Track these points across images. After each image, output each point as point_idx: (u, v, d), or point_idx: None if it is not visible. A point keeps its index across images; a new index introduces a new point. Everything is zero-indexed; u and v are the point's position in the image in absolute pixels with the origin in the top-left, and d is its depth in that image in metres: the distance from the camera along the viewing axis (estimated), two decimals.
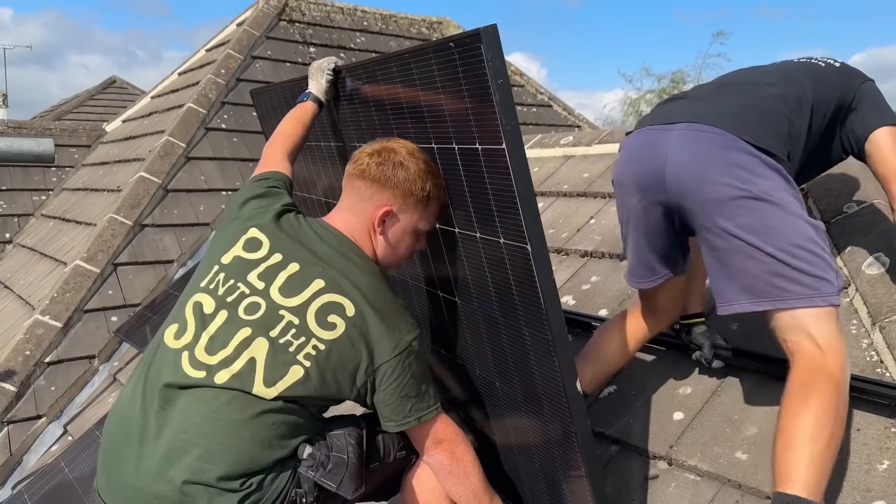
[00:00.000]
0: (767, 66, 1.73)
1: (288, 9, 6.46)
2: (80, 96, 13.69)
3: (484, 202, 1.41)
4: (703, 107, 1.55)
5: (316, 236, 1.51)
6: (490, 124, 1.28)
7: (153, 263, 4.27)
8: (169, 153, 4.81)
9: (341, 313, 1.40)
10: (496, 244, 1.41)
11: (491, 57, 1.22)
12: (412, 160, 1.50)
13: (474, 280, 1.56)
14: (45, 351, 3.65)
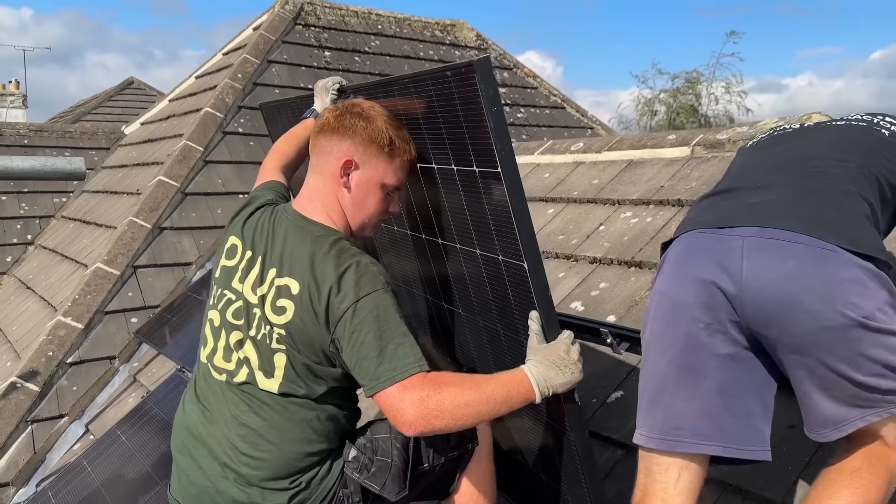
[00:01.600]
0: (817, 129, 1.51)
1: (303, 13, 6.54)
2: (98, 97, 13.88)
3: (483, 221, 1.47)
4: (767, 201, 1.26)
5: (276, 223, 1.54)
6: (486, 149, 1.35)
7: (172, 266, 4.36)
8: (187, 157, 4.90)
9: (288, 295, 1.43)
10: (495, 261, 1.48)
11: (485, 87, 1.29)
12: (374, 111, 1.53)
13: (476, 293, 1.63)
14: (67, 352, 3.74)
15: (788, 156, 1.39)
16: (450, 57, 7.29)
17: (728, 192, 1.37)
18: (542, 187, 3.19)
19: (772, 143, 1.53)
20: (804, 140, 1.45)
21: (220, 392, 1.49)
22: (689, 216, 1.41)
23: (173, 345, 3.54)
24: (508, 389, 1.36)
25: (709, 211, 1.34)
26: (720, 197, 1.37)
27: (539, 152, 3.47)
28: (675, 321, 1.26)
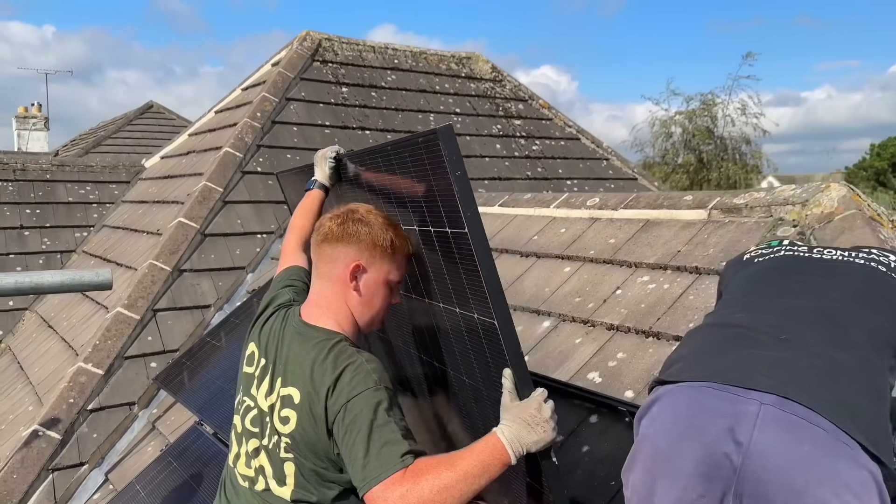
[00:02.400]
0: (838, 268, 1.41)
1: (321, 49, 6.63)
2: (118, 121, 14.11)
3: (458, 280, 1.54)
4: (790, 364, 1.16)
5: (285, 333, 1.60)
6: (454, 211, 1.42)
7: (191, 308, 4.41)
8: (207, 198, 4.96)
9: (291, 404, 1.49)
10: (472, 319, 1.54)
11: (447, 153, 1.37)
12: (371, 216, 1.62)
13: (460, 351, 1.69)
14: (87, 398, 3.79)
15: (810, 303, 1.31)
16: (465, 90, 7.35)
17: (740, 331, 1.26)
18: (558, 243, 3.20)
19: (785, 272, 1.44)
20: (827, 283, 1.37)
21: (245, 498, 1.55)
22: (693, 349, 1.28)
23: (191, 394, 3.56)
24: (483, 459, 1.39)
25: (719, 355, 1.22)
26: (731, 335, 1.26)
27: (555, 206, 3.48)
28: (667, 486, 1.16)
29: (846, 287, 1.35)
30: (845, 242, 2.22)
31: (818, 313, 1.28)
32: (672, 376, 1.23)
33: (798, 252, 1.51)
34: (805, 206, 2.44)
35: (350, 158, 2.08)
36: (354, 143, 6.05)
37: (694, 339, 1.33)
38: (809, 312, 1.28)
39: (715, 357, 1.22)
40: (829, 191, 2.42)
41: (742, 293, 1.44)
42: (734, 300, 1.43)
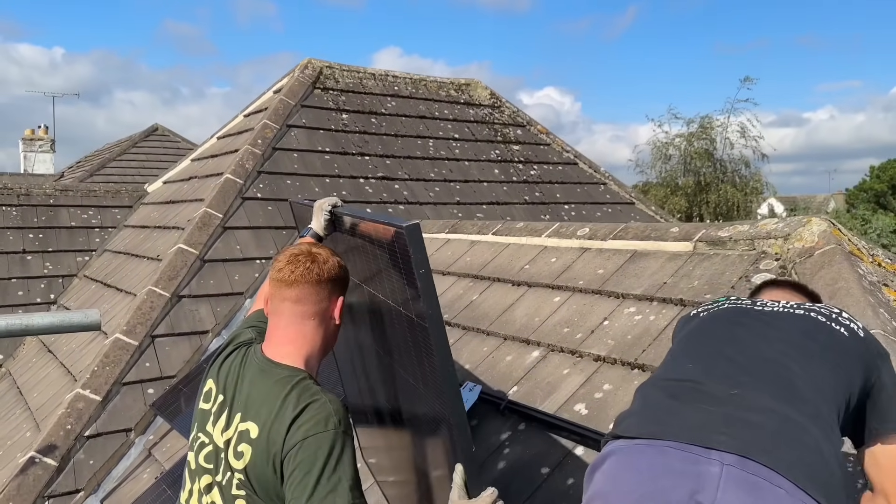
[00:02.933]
0: (780, 320, 1.42)
1: (322, 77, 6.74)
2: (122, 144, 14.25)
3: (421, 364, 1.59)
4: (746, 421, 1.16)
5: (246, 370, 1.64)
6: (416, 304, 1.48)
7: (189, 335, 4.46)
8: (207, 224, 5.03)
9: (248, 439, 1.51)
10: (433, 405, 1.58)
11: (413, 251, 1.42)
12: (330, 255, 1.70)
13: (431, 445, 1.73)
14: (85, 425, 3.83)
15: (755, 353, 1.32)
16: (464, 116, 7.45)
17: (692, 385, 1.26)
18: (549, 273, 3.25)
19: (729, 323, 1.44)
20: (770, 333, 1.38)
21: None
22: (646, 404, 1.27)
23: (187, 420, 3.60)
24: None
25: (674, 412, 1.21)
26: (683, 390, 1.26)
27: (546, 235, 3.54)
28: None
29: (789, 338, 1.36)
30: (825, 276, 2.26)
31: (764, 365, 1.29)
32: (626, 431, 1.22)
33: (741, 304, 1.52)
34: (787, 240, 2.49)
35: (344, 213, 2.15)
36: (354, 168, 6.13)
37: (646, 394, 1.32)
38: (756, 364, 1.29)
39: (670, 414, 1.22)
40: (811, 225, 2.47)
41: (689, 346, 1.45)
42: (681, 353, 1.44)
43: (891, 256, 2.56)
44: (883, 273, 2.40)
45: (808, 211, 24.05)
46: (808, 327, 1.39)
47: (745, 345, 1.35)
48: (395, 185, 6.24)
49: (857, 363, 1.35)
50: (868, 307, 2.08)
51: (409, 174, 6.41)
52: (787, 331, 1.38)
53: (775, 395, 1.22)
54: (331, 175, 5.95)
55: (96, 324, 1.83)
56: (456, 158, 6.89)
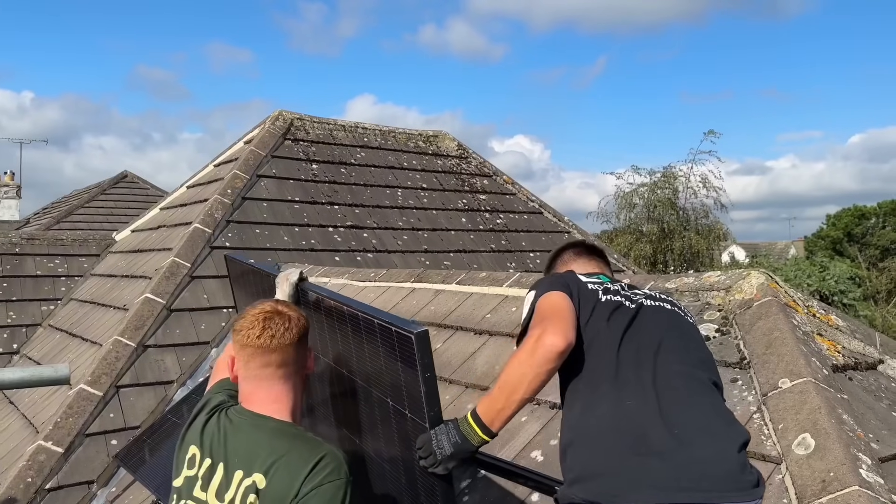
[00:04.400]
0: (663, 322, 1.66)
1: (293, 128, 6.89)
2: (91, 191, 14.18)
3: (408, 459, 1.65)
4: (697, 461, 1.41)
5: (233, 427, 1.66)
6: (418, 405, 1.54)
7: (154, 385, 4.45)
8: (174, 273, 5.07)
9: (254, 490, 1.54)
10: (416, 487, 1.64)
11: (420, 356, 1.49)
12: (286, 311, 1.72)
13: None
14: (46, 477, 3.79)
15: (679, 375, 1.54)
16: (432, 166, 7.64)
17: (640, 432, 1.43)
18: (509, 322, 3.36)
19: (632, 337, 1.58)
20: (669, 343, 1.59)
21: None
22: (609, 466, 1.42)
23: (150, 472, 3.59)
24: None
25: (638, 474, 1.39)
26: (636, 442, 1.42)
27: (507, 284, 3.66)
28: None
29: (678, 342, 1.62)
30: (762, 327, 2.41)
31: (686, 384, 1.54)
32: (601, 498, 1.39)
33: (624, 303, 1.67)
34: (728, 292, 2.64)
35: (312, 289, 2.17)
36: (323, 217, 6.24)
37: (601, 446, 1.45)
38: (680, 389, 1.52)
39: (635, 475, 1.39)
40: (750, 278, 2.63)
41: (614, 372, 1.55)
42: (611, 382, 1.54)
43: (824, 307, 2.73)
44: (817, 323, 2.56)
45: (769, 258, 24.66)
46: (686, 330, 1.71)
47: (660, 363, 1.55)
48: (364, 233, 6.35)
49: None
50: (801, 356, 2.22)
51: (377, 223, 6.53)
52: (678, 339, 1.64)
53: (704, 417, 1.49)
54: (300, 224, 6.04)
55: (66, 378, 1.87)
56: (424, 207, 7.05)
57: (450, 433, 1.52)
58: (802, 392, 2.09)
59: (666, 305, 1.75)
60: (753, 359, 2.32)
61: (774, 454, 1.99)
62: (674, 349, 1.60)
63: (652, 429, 1.44)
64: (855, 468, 1.81)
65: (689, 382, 1.56)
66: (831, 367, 2.30)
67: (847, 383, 2.30)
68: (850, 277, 16.61)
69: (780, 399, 2.12)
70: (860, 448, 1.91)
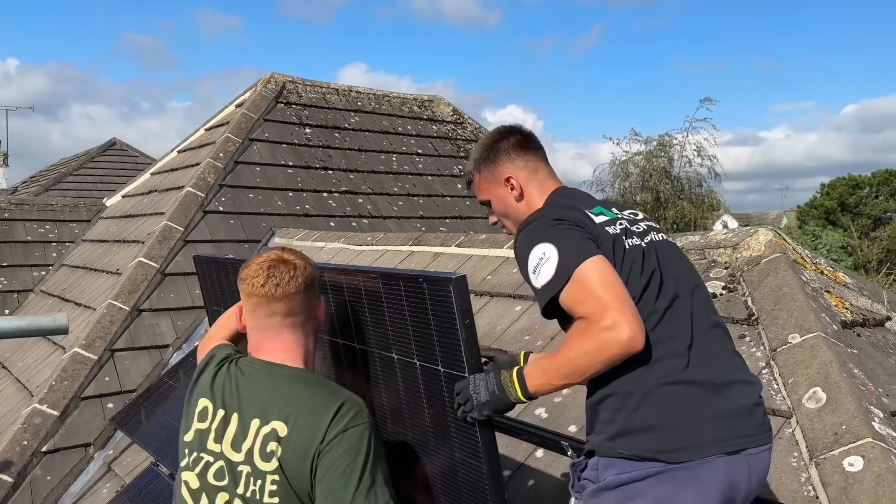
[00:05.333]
0: (679, 261, 1.60)
1: (285, 91, 6.76)
2: (79, 159, 13.97)
3: (441, 418, 1.59)
4: (748, 409, 1.46)
5: (246, 377, 1.61)
6: (455, 354, 1.49)
7: (149, 349, 4.41)
8: (168, 237, 5.00)
9: (276, 437, 1.49)
10: (453, 457, 1.59)
11: (460, 302, 1.44)
12: (292, 258, 1.65)
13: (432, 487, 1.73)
14: (42, 440, 3.75)
15: (714, 329, 1.51)
16: (427, 131, 7.54)
17: (700, 390, 1.43)
18: (510, 283, 3.32)
19: (667, 282, 1.51)
20: (690, 285, 1.54)
21: None
22: (687, 430, 1.40)
23: (148, 434, 3.56)
24: None
25: (703, 431, 1.40)
26: (708, 394, 1.42)
27: (507, 246, 3.61)
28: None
29: (700, 285, 1.58)
30: (771, 284, 2.38)
31: (716, 330, 1.52)
32: (654, 453, 1.41)
33: (642, 244, 1.55)
34: (735, 250, 2.61)
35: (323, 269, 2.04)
36: (317, 182, 6.15)
37: (651, 399, 1.43)
38: (713, 336, 1.50)
39: (688, 428, 1.41)
40: (758, 235, 2.59)
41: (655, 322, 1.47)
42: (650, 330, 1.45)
43: (832, 265, 2.70)
44: (825, 280, 2.53)
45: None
46: (691, 269, 1.63)
47: (696, 314, 1.51)
48: (359, 199, 6.28)
49: None
50: (811, 311, 2.19)
51: (372, 188, 6.46)
52: (693, 284, 1.57)
53: (734, 365, 1.50)
54: (294, 189, 5.96)
55: (64, 328, 1.82)
56: (419, 173, 6.96)
57: (489, 381, 1.47)
58: (813, 347, 2.06)
59: (668, 237, 1.67)
60: (762, 315, 2.29)
61: (784, 409, 1.97)
62: (696, 292, 1.55)
63: (698, 379, 1.43)
64: (868, 421, 1.79)
65: (716, 328, 1.53)
66: (840, 323, 2.27)
67: (856, 339, 2.28)
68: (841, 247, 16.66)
69: (790, 354, 2.10)
70: (872, 402, 1.89)
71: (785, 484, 1.80)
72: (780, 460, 1.85)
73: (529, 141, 1.78)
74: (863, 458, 1.71)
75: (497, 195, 1.76)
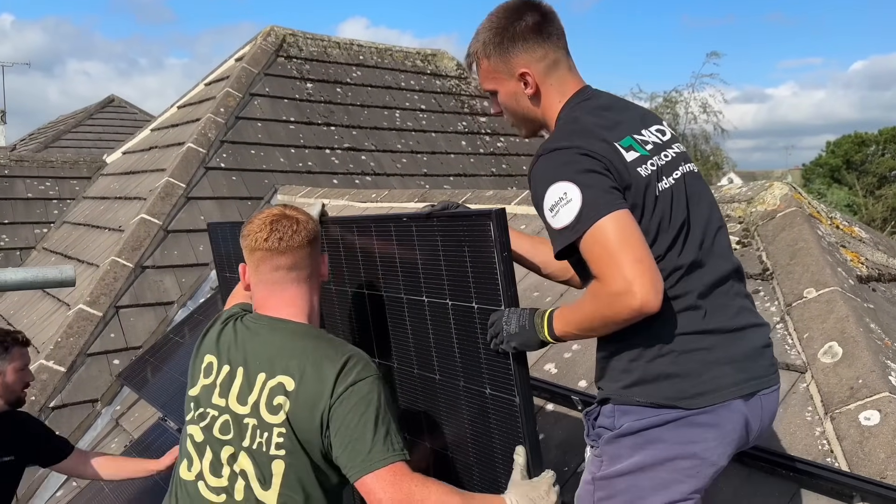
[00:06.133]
0: (706, 201, 1.49)
1: (286, 45, 6.62)
2: (77, 116, 13.82)
3: (472, 355, 1.58)
4: (760, 352, 1.44)
5: (251, 333, 1.60)
6: (492, 288, 1.47)
7: (154, 305, 4.40)
8: (170, 194, 4.94)
9: (283, 391, 1.48)
10: (482, 394, 1.59)
11: (499, 234, 1.42)
12: (294, 213, 1.64)
13: (458, 426, 1.72)
14: (49, 396, 3.77)
15: (731, 274, 1.45)
16: (431, 87, 7.41)
17: (730, 336, 1.40)
18: None
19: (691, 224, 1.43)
20: (714, 225, 1.47)
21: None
22: (709, 376, 1.38)
23: (155, 390, 3.58)
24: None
25: (728, 363, 1.38)
26: (724, 340, 1.40)
27: (515, 203, 3.56)
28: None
29: (721, 224, 1.50)
30: (786, 238, 2.33)
31: (735, 272, 1.47)
32: (671, 401, 1.39)
33: (673, 183, 1.44)
34: (750, 204, 2.56)
35: (341, 223, 2.05)
36: (320, 138, 6.07)
37: (670, 347, 1.39)
38: (729, 279, 1.45)
39: (706, 374, 1.39)
40: (773, 189, 2.54)
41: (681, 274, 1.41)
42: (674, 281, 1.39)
43: (847, 219, 2.65)
44: (840, 235, 2.49)
45: None
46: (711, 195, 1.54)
47: (717, 257, 1.45)
48: (362, 156, 6.20)
49: None
50: (827, 266, 2.15)
51: (375, 145, 6.37)
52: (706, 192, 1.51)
53: (751, 313, 1.47)
54: (296, 145, 5.88)
55: (71, 280, 1.79)
56: (423, 130, 6.87)
57: (521, 315, 1.44)
58: (829, 301, 2.03)
59: (693, 166, 1.53)
60: (777, 270, 2.26)
61: (799, 363, 1.95)
62: (719, 235, 1.48)
63: (715, 327, 1.40)
64: (885, 375, 1.77)
65: (734, 274, 1.48)
66: (856, 277, 2.23)
67: (872, 294, 2.24)
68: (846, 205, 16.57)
69: (806, 309, 2.07)
70: (889, 356, 1.87)
71: (799, 438, 1.79)
72: (794, 415, 1.84)
73: (550, 23, 1.48)
74: (879, 411, 1.69)
75: (507, 89, 1.51)
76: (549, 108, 1.50)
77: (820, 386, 1.85)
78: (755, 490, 1.74)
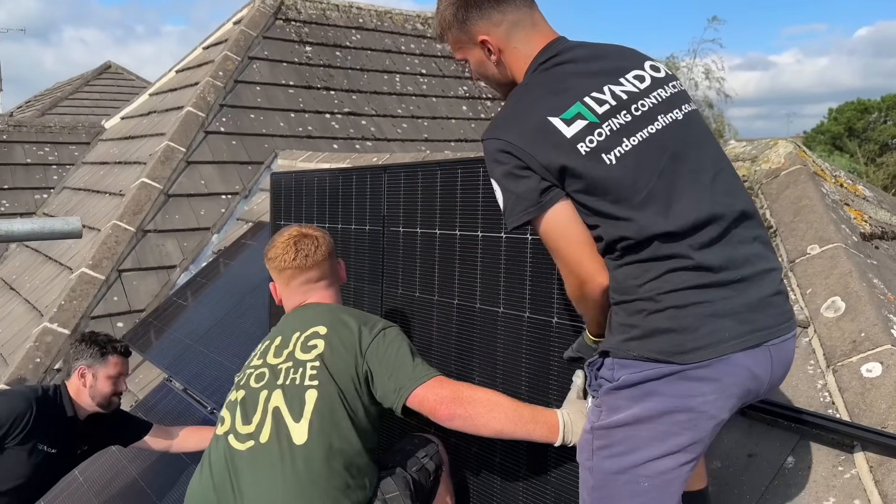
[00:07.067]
0: (703, 145, 1.43)
1: (284, 7, 6.53)
2: (74, 83, 13.68)
3: (520, 279, 1.74)
4: (767, 302, 1.39)
5: (288, 317, 1.86)
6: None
7: (156, 269, 4.41)
8: (170, 158, 4.92)
9: (317, 336, 1.71)
10: (520, 318, 1.74)
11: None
12: (311, 232, 1.90)
13: (502, 352, 1.86)
14: (54, 358, 3.79)
15: (738, 220, 1.39)
16: (431, 51, 7.33)
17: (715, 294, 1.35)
18: None
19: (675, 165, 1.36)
20: (719, 185, 1.39)
21: (241, 455, 1.58)
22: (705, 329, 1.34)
23: (160, 352, 3.60)
24: (537, 416, 1.54)
25: (728, 315, 1.35)
26: (727, 291, 1.36)
27: None
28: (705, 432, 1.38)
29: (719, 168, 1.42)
30: (790, 196, 2.33)
31: (743, 216, 1.40)
32: (667, 356, 1.36)
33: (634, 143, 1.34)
34: (754, 162, 2.54)
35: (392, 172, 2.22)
36: (319, 102, 6.02)
37: (666, 301, 1.36)
38: (736, 226, 1.38)
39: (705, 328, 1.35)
40: (777, 147, 2.52)
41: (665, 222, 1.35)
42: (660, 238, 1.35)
43: (852, 178, 2.65)
44: (844, 193, 2.48)
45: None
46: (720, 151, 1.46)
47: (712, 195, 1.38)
48: (362, 120, 6.16)
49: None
50: (831, 223, 2.15)
51: (376, 110, 6.32)
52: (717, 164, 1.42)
53: (758, 270, 1.39)
54: (296, 110, 5.84)
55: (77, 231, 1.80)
56: (423, 94, 6.81)
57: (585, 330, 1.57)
58: (833, 257, 2.03)
59: (688, 107, 1.43)
60: (780, 227, 2.26)
61: (802, 318, 1.96)
62: (717, 179, 1.40)
63: (716, 280, 1.36)
64: (887, 328, 1.78)
65: (742, 218, 1.41)
66: (860, 234, 2.24)
67: (875, 251, 2.25)
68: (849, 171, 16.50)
69: (809, 265, 2.07)
70: (891, 311, 1.88)
71: (801, 391, 1.81)
72: (796, 368, 1.85)
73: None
74: (881, 363, 1.71)
75: (474, 57, 1.51)
76: (518, 71, 1.47)
77: (822, 340, 1.86)
78: (757, 442, 1.76)
